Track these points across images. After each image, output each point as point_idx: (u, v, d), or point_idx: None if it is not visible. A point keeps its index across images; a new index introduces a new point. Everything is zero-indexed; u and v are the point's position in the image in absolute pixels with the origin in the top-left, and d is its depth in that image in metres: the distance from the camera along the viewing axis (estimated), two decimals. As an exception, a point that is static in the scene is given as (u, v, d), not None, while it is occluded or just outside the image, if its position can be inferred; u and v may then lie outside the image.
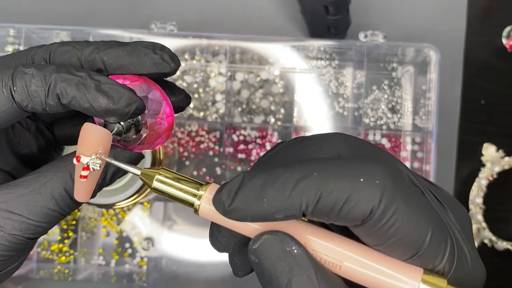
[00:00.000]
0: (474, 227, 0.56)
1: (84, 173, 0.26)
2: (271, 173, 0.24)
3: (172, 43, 0.55)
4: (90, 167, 0.26)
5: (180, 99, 0.32)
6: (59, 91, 0.26)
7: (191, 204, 0.26)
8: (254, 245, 0.24)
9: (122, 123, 0.28)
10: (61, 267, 0.55)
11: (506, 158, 0.55)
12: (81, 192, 0.27)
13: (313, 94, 0.56)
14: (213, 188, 0.26)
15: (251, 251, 0.24)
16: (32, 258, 0.55)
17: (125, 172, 0.31)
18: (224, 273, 0.55)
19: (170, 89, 0.31)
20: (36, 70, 0.26)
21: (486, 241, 0.55)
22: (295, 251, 0.24)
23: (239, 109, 0.56)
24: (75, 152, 0.27)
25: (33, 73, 0.26)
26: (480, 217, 0.55)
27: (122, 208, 0.55)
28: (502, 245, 0.55)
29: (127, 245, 0.56)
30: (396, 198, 0.23)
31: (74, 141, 0.35)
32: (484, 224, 0.55)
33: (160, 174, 0.27)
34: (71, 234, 0.56)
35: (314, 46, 0.53)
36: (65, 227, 0.56)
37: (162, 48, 0.29)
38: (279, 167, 0.24)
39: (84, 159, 0.26)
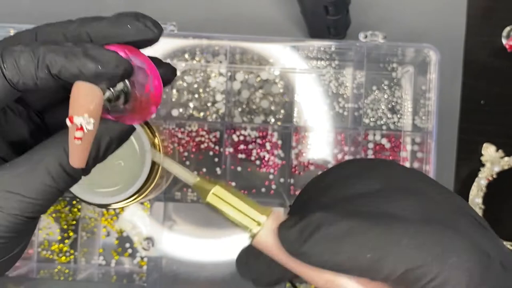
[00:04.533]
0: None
1: (78, 134, 0.26)
2: (357, 226, 0.23)
3: (172, 43, 0.55)
4: (84, 127, 0.26)
5: (166, 71, 0.32)
6: (48, 61, 0.26)
7: (247, 228, 0.25)
8: None
9: (111, 89, 0.28)
10: (62, 267, 0.55)
11: (506, 158, 0.55)
12: (76, 156, 0.27)
13: (313, 94, 0.56)
14: (277, 217, 0.25)
15: None
16: (32, 258, 0.55)
17: (119, 145, 0.30)
18: (224, 273, 0.55)
19: (155, 62, 0.32)
20: (24, 46, 0.27)
21: (485, 241, 0.56)
22: None
23: (239, 109, 0.56)
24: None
25: (22, 49, 0.27)
26: (479, 217, 0.55)
27: (122, 208, 0.55)
28: (502, 245, 0.55)
29: (127, 245, 0.56)
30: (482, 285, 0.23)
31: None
32: (483, 224, 0.55)
33: (219, 187, 0.25)
34: (71, 234, 0.56)
35: (314, 46, 0.53)
36: (65, 227, 0.56)
37: (144, 16, 0.30)
38: (365, 218, 0.23)
39: (77, 119, 0.25)
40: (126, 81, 0.29)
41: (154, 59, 0.32)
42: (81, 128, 0.26)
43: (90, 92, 0.26)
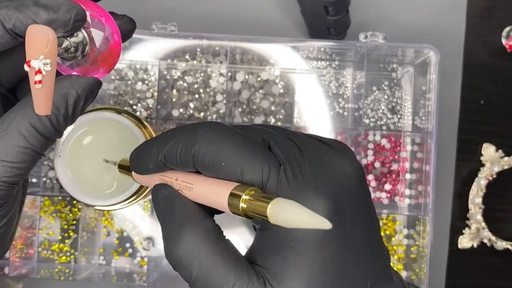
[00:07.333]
0: (474, 226, 0.56)
1: (38, 77, 0.25)
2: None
3: (173, 44, 0.55)
4: (42, 69, 0.25)
5: (123, 22, 0.32)
6: (1, 17, 0.27)
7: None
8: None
9: (69, 39, 0.28)
10: (62, 267, 0.55)
11: (506, 158, 0.55)
12: (40, 102, 0.26)
13: (313, 94, 0.56)
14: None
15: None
16: (32, 258, 0.56)
17: (87, 101, 0.30)
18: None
19: (112, 15, 0.32)
20: None
21: (485, 240, 0.56)
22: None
23: (240, 109, 0.56)
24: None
25: None
26: (479, 217, 0.55)
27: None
28: (502, 244, 0.55)
29: (128, 245, 0.56)
30: None
31: None
32: (483, 224, 0.55)
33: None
34: (71, 234, 0.56)
35: (314, 46, 0.53)
36: (65, 227, 0.56)
37: None
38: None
39: (34, 63, 0.25)
40: (84, 32, 0.29)
41: (110, 13, 0.32)
42: (39, 71, 0.25)
43: (42, 33, 0.26)
